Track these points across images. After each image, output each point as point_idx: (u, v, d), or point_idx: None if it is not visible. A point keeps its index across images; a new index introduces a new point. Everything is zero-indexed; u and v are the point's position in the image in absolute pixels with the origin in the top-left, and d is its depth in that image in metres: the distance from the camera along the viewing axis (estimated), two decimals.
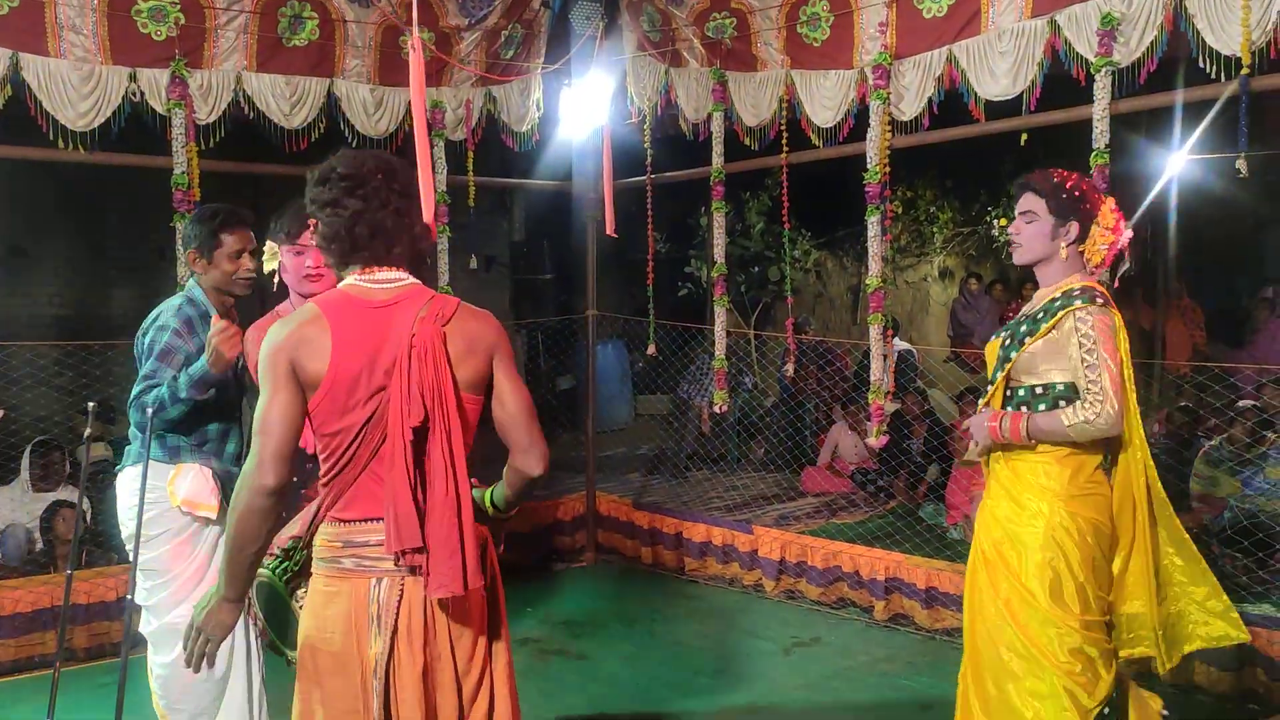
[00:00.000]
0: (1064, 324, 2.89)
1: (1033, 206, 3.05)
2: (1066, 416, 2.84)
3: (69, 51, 5.00)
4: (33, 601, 4.81)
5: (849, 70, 5.52)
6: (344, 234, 2.25)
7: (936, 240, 11.86)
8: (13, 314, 5.08)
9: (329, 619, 2.22)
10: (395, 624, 2.19)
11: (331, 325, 2.18)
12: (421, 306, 2.24)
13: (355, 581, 2.21)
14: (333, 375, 2.15)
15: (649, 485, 7.40)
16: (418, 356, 2.17)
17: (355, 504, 2.22)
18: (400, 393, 2.15)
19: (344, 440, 2.18)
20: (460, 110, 6.27)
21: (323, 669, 2.22)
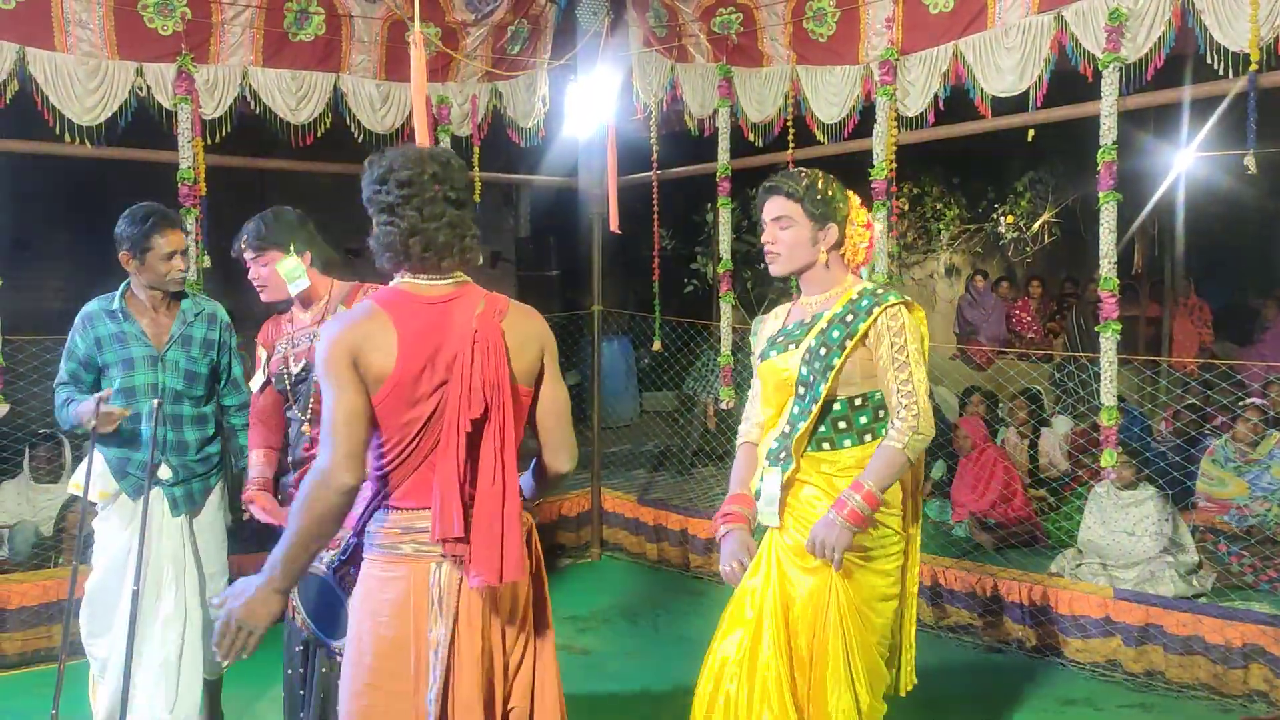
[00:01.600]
0: (877, 323, 2.71)
1: (788, 211, 2.80)
2: (895, 442, 2.66)
3: (75, 46, 5.01)
4: (39, 595, 4.83)
5: (855, 66, 5.51)
6: (399, 246, 2.28)
7: (942, 237, 11.85)
8: (18, 308, 5.07)
9: (385, 603, 2.25)
10: (456, 607, 2.24)
11: (395, 321, 2.21)
12: (477, 303, 2.30)
13: (414, 566, 2.24)
14: (399, 370, 2.18)
15: (654, 481, 7.40)
16: (480, 350, 2.22)
17: (415, 492, 2.24)
18: (462, 386, 2.20)
19: (409, 432, 2.21)
20: (466, 105, 6.26)
21: (377, 652, 2.24)
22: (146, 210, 3.53)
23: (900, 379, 2.70)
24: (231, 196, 6.10)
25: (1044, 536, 5.70)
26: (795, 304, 2.97)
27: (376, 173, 2.32)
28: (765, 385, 2.90)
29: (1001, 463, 6.04)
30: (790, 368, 2.79)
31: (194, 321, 3.65)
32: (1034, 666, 4.78)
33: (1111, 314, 4.62)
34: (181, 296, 3.67)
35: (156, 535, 3.56)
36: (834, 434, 2.76)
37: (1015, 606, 4.94)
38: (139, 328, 3.57)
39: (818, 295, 2.86)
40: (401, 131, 5.98)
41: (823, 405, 2.72)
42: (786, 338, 2.86)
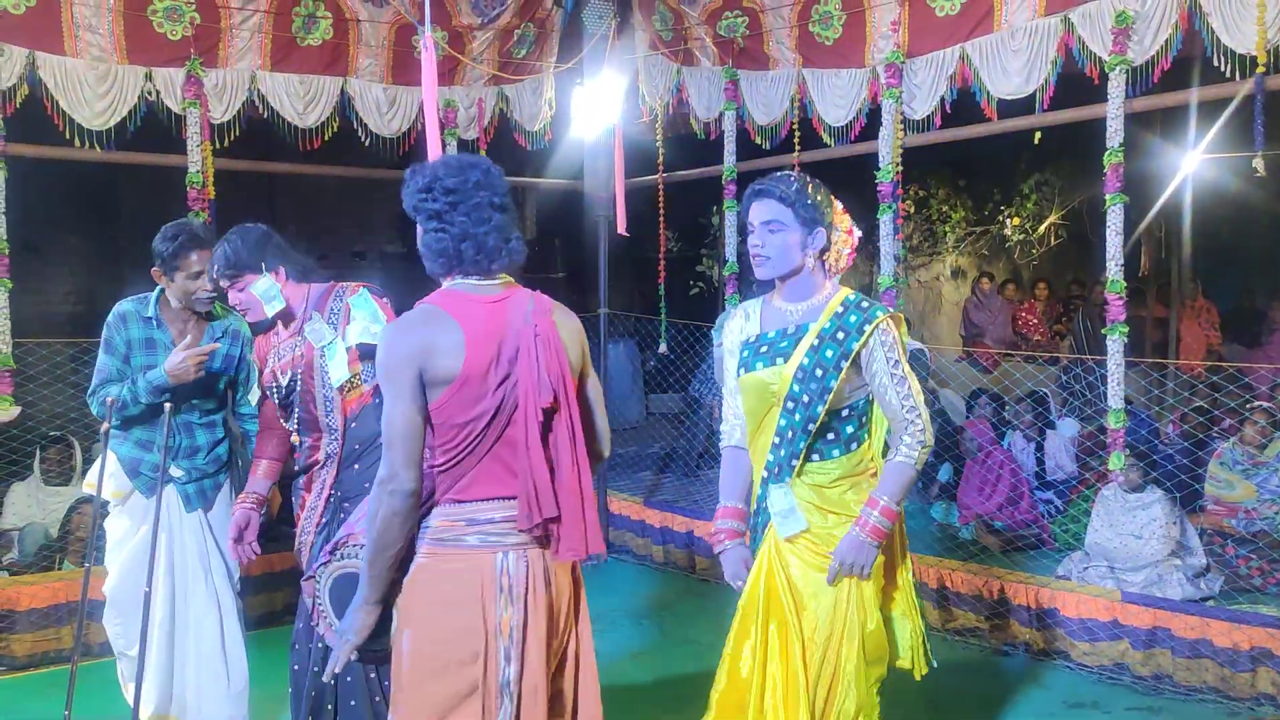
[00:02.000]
0: (869, 341, 2.71)
1: (778, 215, 2.76)
2: (906, 458, 2.71)
3: (85, 51, 5.04)
4: (48, 597, 4.85)
5: (861, 69, 5.52)
6: (451, 251, 2.35)
7: (949, 239, 11.84)
8: (27, 311, 5.11)
9: (451, 594, 2.30)
10: (525, 595, 2.32)
11: (460, 322, 2.28)
12: (527, 300, 2.39)
13: (480, 557, 2.31)
14: (468, 369, 2.26)
15: (660, 483, 7.40)
16: (543, 344, 2.31)
17: (477, 485, 2.32)
18: (531, 378, 2.28)
19: (475, 428, 2.28)
20: (473, 109, 6.29)
21: (445, 640, 2.30)
22: (178, 228, 3.53)
23: (902, 394, 2.71)
24: (239, 200, 6.12)
25: (1051, 539, 5.70)
26: (770, 305, 2.92)
27: (421, 181, 2.37)
28: (747, 396, 2.88)
29: (1008, 465, 6.03)
30: (778, 383, 2.77)
31: (220, 338, 3.67)
32: (1041, 669, 4.78)
33: (1118, 316, 4.62)
34: (210, 313, 3.68)
35: (178, 533, 3.61)
36: (823, 445, 2.78)
37: (1022, 609, 4.93)
38: (169, 338, 3.58)
39: (801, 303, 2.83)
40: (408, 135, 6.00)
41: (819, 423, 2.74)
42: (771, 349, 2.81)
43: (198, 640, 3.64)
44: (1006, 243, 12.09)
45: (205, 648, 3.64)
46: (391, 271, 9.86)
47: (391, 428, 2.24)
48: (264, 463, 3.49)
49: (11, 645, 4.80)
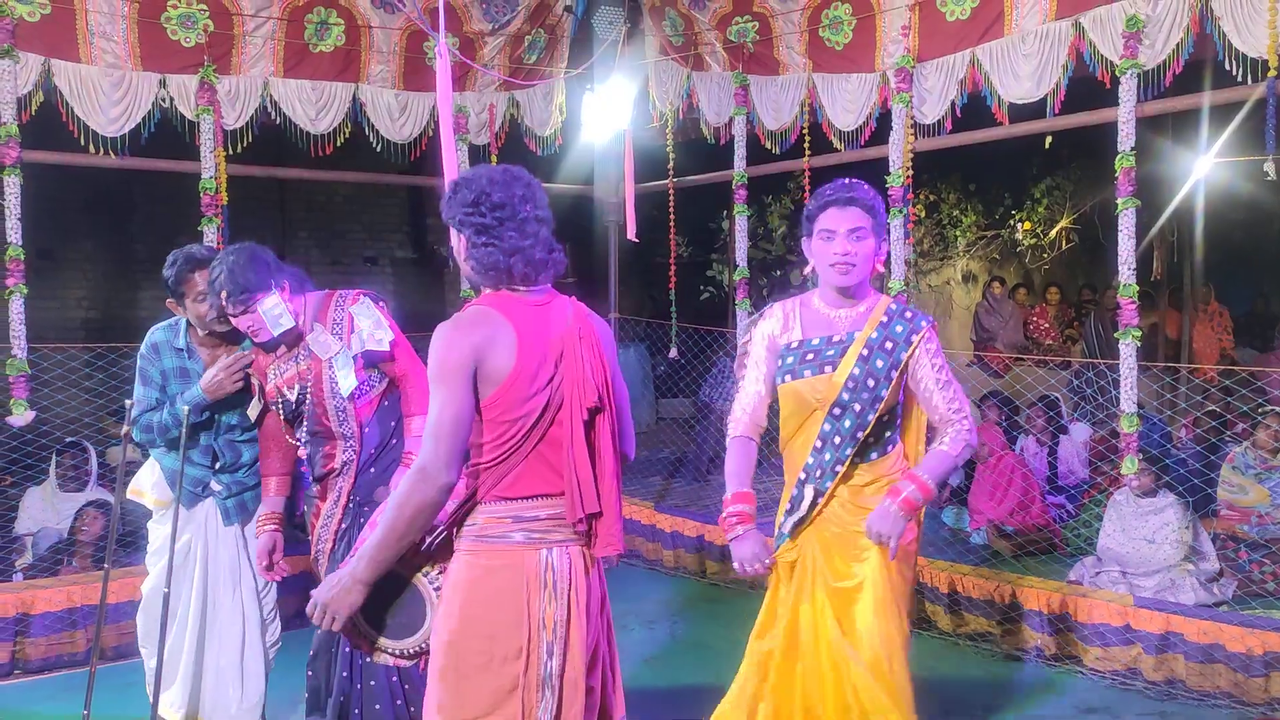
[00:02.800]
0: (916, 350, 2.82)
1: (863, 223, 2.83)
2: (951, 449, 2.81)
3: (100, 58, 5.08)
4: (63, 601, 4.87)
5: (871, 73, 5.52)
6: (502, 265, 2.39)
7: (959, 244, 11.82)
8: (42, 317, 5.15)
9: (495, 589, 2.34)
10: (569, 591, 2.37)
11: (513, 323, 2.34)
12: (567, 305, 2.48)
13: (525, 553, 2.36)
14: (519, 368, 2.31)
15: (670, 488, 7.41)
16: (587, 346, 2.40)
17: (522, 482, 2.36)
18: (576, 378, 2.36)
19: (523, 425, 2.33)
20: (483, 114, 6.31)
21: (487, 635, 2.33)
22: (175, 255, 3.51)
23: (948, 399, 2.82)
24: (252, 205, 6.16)
25: (1063, 544, 5.68)
26: (811, 309, 2.97)
27: (468, 195, 2.39)
28: (787, 400, 2.92)
29: (1019, 470, 6.02)
30: (826, 390, 2.82)
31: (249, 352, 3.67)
32: (1053, 675, 4.77)
33: (1131, 320, 4.61)
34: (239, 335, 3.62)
35: (214, 544, 3.66)
36: (864, 449, 2.86)
37: (1034, 614, 4.92)
38: (202, 367, 3.58)
39: (846, 310, 2.90)
40: (419, 140, 6.02)
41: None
42: (818, 356, 2.86)
43: (219, 651, 3.68)
44: (1018, 247, 12.07)
45: (225, 659, 3.68)
46: (403, 276, 9.89)
47: (441, 422, 2.26)
48: (274, 480, 3.50)
49: (26, 649, 4.83)
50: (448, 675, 2.35)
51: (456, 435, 2.27)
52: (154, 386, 3.57)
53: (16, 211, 4.89)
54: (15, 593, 4.83)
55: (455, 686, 2.34)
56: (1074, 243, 12.03)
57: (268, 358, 3.40)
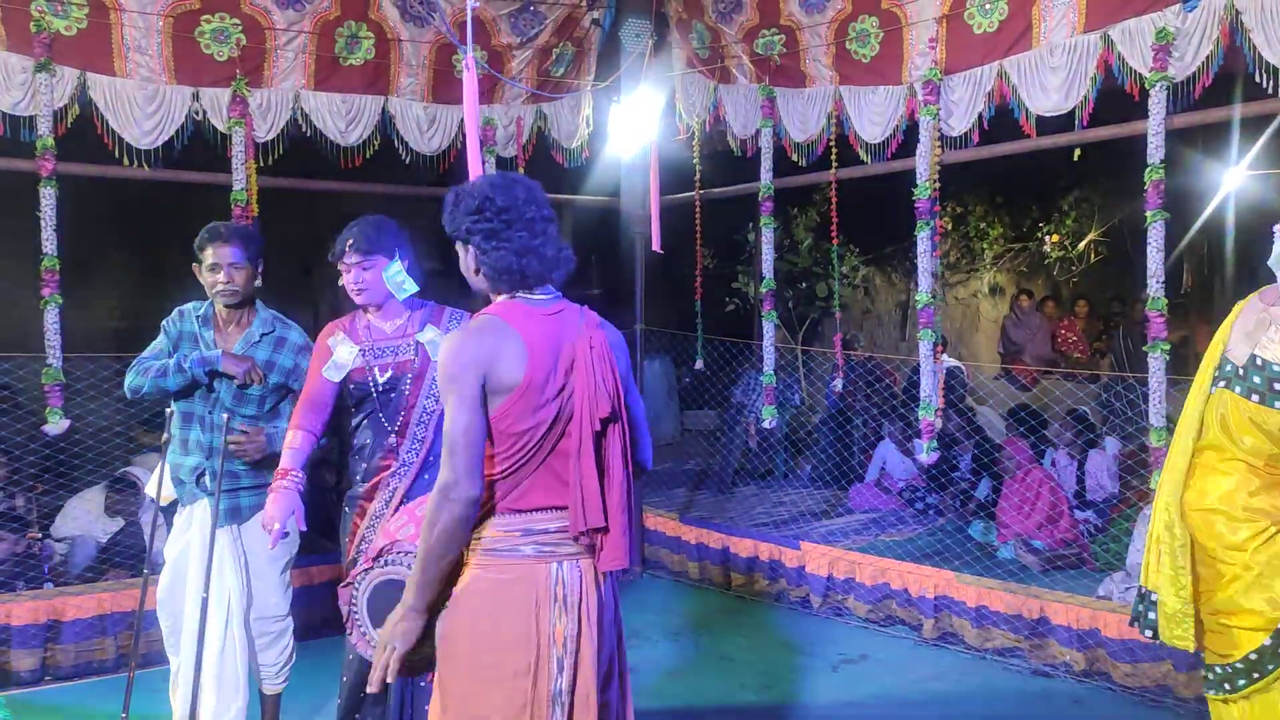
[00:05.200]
0: None
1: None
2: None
3: (135, 71, 5.16)
4: (93, 608, 4.92)
5: (898, 86, 5.51)
6: (515, 267, 2.39)
7: (986, 256, 11.76)
8: (76, 327, 5.21)
9: (506, 603, 2.32)
10: (579, 605, 2.36)
11: (522, 333, 2.32)
12: (578, 313, 2.46)
13: (535, 567, 2.34)
14: (529, 378, 2.30)
15: (695, 500, 7.40)
16: (598, 357, 2.37)
17: (532, 494, 2.35)
18: (587, 389, 2.34)
19: (532, 437, 2.32)
20: (511, 127, 6.35)
21: (497, 649, 2.31)
22: (208, 226, 3.70)
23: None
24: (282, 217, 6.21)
25: (1091, 559, 5.63)
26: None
27: (471, 204, 2.41)
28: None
29: (1047, 484, 5.97)
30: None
31: (259, 342, 3.72)
32: (1081, 691, 4.72)
33: (1160, 334, 4.57)
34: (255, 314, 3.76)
35: (203, 548, 3.63)
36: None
37: (1062, 629, 4.88)
38: (210, 337, 3.71)
39: None
40: (448, 153, 6.07)
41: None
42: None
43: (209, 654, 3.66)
44: (1045, 260, 12.01)
45: (210, 663, 3.65)
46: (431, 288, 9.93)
47: (455, 435, 2.25)
48: (302, 434, 3.40)
49: (57, 656, 4.88)
50: (460, 688, 2.32)
51: (471, 446, 2.25)
52: (169, 338, 3.72)
53: (52, 223, 4.97)
54: (47, 599, 4.89)
55: (464, 701, 2.31)
56: (1102, 255, 11.95)
57: (355, 333, 3.46)
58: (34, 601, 4.85)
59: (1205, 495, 2.95)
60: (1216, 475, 2.94)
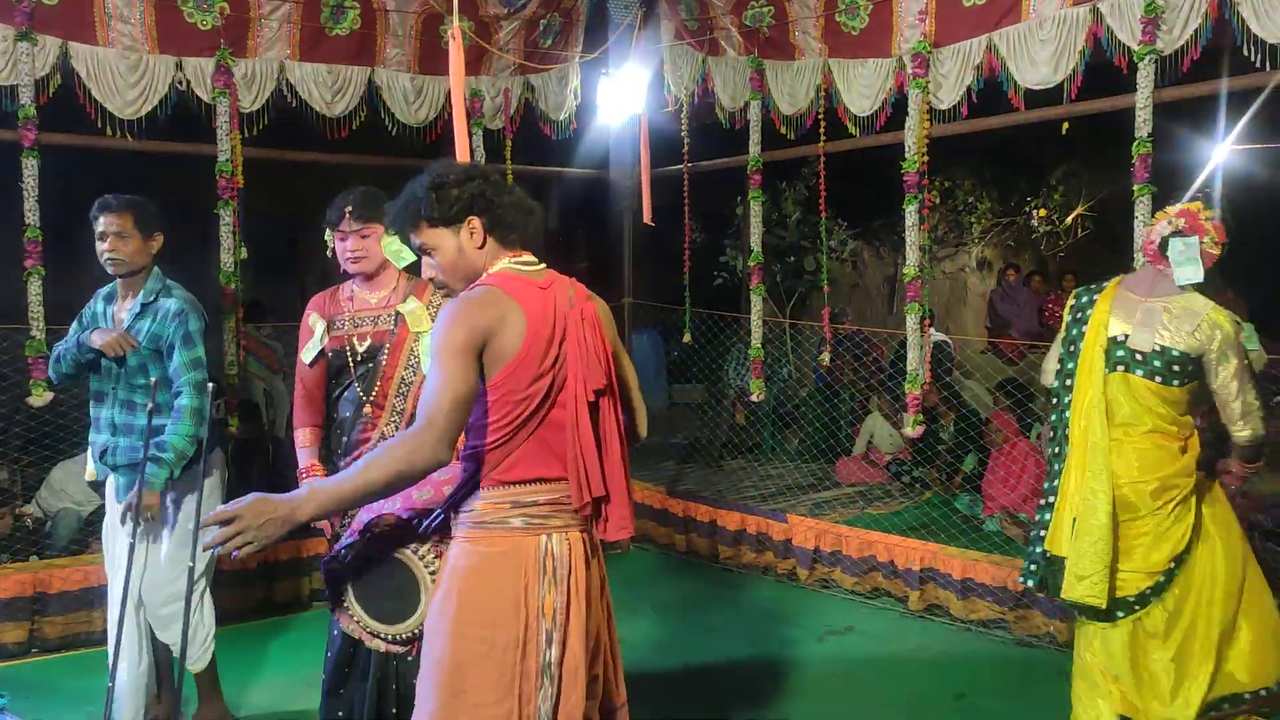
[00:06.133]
0: None
1: None
2: None
3: (117, 41, 5.10)
4: (79, 580, 4.92)
5: (887, 59, 5.49)
6: (521, 222, 2.42)
7: (974, 230, 11.78)
8: (58, 299, 5.18)
9: (496, 576, 2.31)
10: (569, 577, 2.34)
11: (521, 303, 2.31)
12: (568, 285, 2.44)
13: (524, 539, 2.33)
14: (527, 346, 2.29)
15: (683, 473, 7.43)
16: (589, 328, 2.37)
17: (521, 466, 2.32)
18: (580, 360, 2.33)
19: (526, 407, 2.30)
20: (499, 99, 6.31)
21: (487, 623, 2.30)
22: (100, 197, 3.71)
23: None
24: (268, 188, 6.18)
25: None
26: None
27: (458, 177, 2.40)
28: None
29: (1033, 456, 6.01)
30: None
31: (141, 313, 3.67)
32: (1064, 661, 4.75)
33: None
34: (142, 285, 3.72)
35: (116, 520, 3.68)
36: None
37: (1045, 601, 4.92)
38: (111, 312, 3.73)
39: None
40: (435, 124, 6.03)
41: None
42: None
43: (110, 620, 3.72)
44: (1033, 234, 12.03)
45: (110, 628, 3.68)
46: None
47: (440, 403, 2.18)
48: (308, 431, 3.48)
49: (44, 628, 4.88)
50: (446, 663, 2.31)
51: (453, 417, 2.19)
52: (79, 324, 3.77)
53: (35, 194, 4.92)
54: (33, 572, 4.89)
55: (454, 674, 2.30)
56: (1090, 230, 11.97)
57: (338, 306, 3.46)
58: (20, 574, 4.85)
59: (1132, 468, 3.35)
60: (1137, 449, 3.36)
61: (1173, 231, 3.49)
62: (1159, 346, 3.33)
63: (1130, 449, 3.37)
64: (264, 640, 5.00)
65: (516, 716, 2.29)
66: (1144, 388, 3.35)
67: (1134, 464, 3.35)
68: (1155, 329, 3.35)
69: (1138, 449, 3.37)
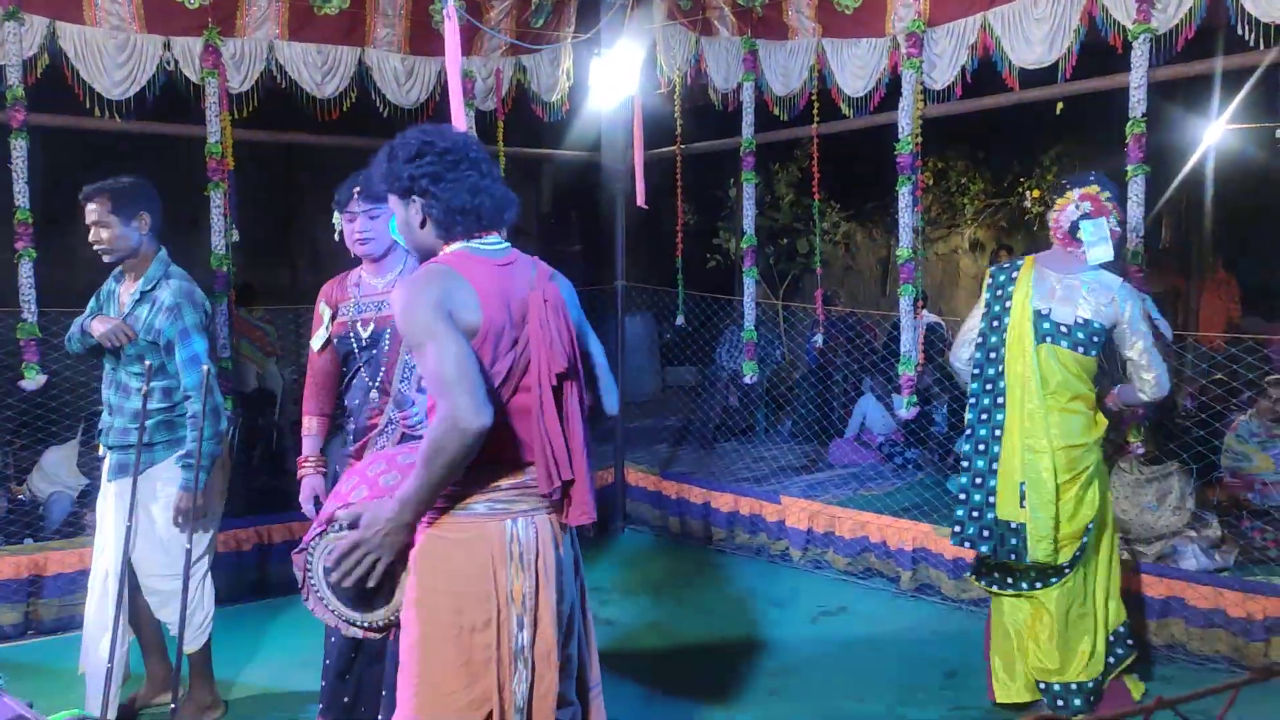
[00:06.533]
0: None
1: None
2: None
3: (104, 20, 5.05)
4: (75, 563, 4.91)
5: (881, 38, 5.47)
6: (469, 206, 2.33)
7: (968, 212, 11.77)
8: (51, 281, 5.15)
9: (462, 563, 2.29)
10: (536, 561, 2.31)
11: (471, 280, 2.26)
12: (530, 265, 2.40)
13: (489, 524, 2.30)
14: (485, 327, 2.23)
15: (677, 456, 7.43)
16: (552, 309, 2.31)
17: (485, 451, 2.24)
18: (542, 342, 2.28)
19: (489, 389, 2.23)
20: (490, 80, 6.27)
21: (455, 609, 2.28)
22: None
23: None
24: (259, 170, 6.14)
25: None
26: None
27: (409, 151, 2.35)
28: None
29: None
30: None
31: (140, 300, 3.68)
32: None
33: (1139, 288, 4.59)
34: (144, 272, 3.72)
35: (104, 496, 3.75)
36: None
37: None
38: (119, 292, 3.75)
39: None
40: (427, 106, 5.99)
41: None
42: None
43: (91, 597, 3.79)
44: (1026, 215, 12.02)
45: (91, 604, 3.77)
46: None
47: (445, 371, 2.13)
48: (315, 420, 3.53)
49: (40, 610, 4.88)
50: (421, 650, 2.30)
51: (468, 374, 2.13)
52: (96, 302, 3.80)
53: (24, 175, 4.89)
54: (28, 555, 4.88)
55: (428, 661, 2.29)
56: None
57: (344, 292, 3.44)
58: (15, 556, 4.85)
59: (1061, 433, 3.67)
60: (1064, 414, 3.69)
61: (1081, 215, 3.72)
62: (1081, 319, 3.67)
63: (1058, 415, 3.68)
64: (259, 622, 5.01)
65: (493, 701, 2.28)
66: (1069, 358, 3.69)
67: (1062, 429, 3.67)
68: (1076, 303, 3.69)
69: (1064, 414, 3.69)
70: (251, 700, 4.19)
